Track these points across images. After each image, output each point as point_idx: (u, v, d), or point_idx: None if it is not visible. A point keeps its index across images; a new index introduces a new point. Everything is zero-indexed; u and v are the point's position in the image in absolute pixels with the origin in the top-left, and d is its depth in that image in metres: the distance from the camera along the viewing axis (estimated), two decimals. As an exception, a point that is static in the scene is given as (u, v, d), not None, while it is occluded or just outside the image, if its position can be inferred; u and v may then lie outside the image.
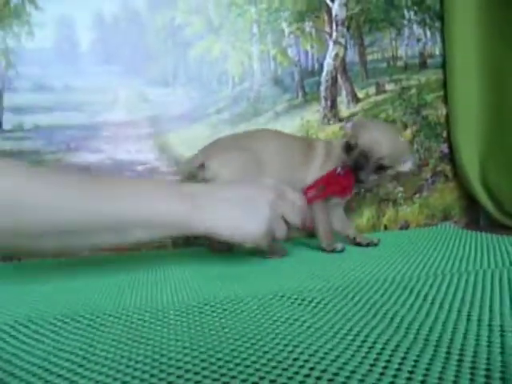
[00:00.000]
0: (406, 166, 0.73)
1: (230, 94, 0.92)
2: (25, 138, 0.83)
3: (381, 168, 0.70)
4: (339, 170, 0.69)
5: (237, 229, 0.50)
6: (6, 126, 0.83)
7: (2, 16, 0.83)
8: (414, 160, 0.75)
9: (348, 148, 0.70)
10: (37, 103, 0.83)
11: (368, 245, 0.76)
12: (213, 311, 0.42)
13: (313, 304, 0.42)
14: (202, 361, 0.30)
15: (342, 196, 0.75)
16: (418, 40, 1.02)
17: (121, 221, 0.45)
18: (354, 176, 0.69)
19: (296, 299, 0.44)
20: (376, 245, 0.76)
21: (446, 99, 1.02)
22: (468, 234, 0.85)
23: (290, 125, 0.94)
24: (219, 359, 0.30)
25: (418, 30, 1.02)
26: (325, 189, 0.70)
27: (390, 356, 0.29)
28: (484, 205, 0.97)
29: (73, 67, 0.85)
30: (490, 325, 0.34)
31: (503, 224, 0.94)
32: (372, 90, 0.99)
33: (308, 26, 0.96)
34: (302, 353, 0.30)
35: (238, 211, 0.50)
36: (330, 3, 0.96)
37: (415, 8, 1.01)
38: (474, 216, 1.04)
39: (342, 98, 0.98)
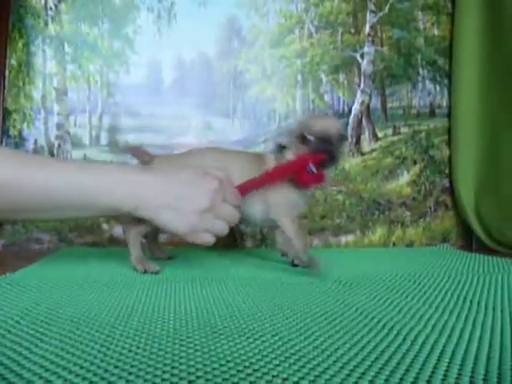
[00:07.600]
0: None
1: (276, 128, 1.15)
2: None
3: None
4: (311, 166, 0.67)
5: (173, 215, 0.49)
6: (103, 142, 1.06)
7: (107, 57, 1.07)
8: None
9: (303, 139, 0.70)
10: (128, 125, 1.06)
11: (304, 266, 0.76)
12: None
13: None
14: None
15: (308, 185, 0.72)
16: (429, 93, 1.25)
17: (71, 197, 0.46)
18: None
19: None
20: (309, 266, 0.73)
21: (449, 143, 1.24)
22: (462, 254, 1.02)
23: (322, 155, 1.17)
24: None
25: (429, 85, 1.25)
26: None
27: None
28: (476, 231, 1.18)
29: (157, 99, 1.09)
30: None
31: (491, 248, 1.15)
32: (389, 131, 1.22)
33: (341, 77, 1.19)
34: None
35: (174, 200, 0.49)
36: (360, 60, 1.20)
37: (428, 67, 1.25)
38: (468, 240, 1.25)
39: (365, 137, 1.20)
